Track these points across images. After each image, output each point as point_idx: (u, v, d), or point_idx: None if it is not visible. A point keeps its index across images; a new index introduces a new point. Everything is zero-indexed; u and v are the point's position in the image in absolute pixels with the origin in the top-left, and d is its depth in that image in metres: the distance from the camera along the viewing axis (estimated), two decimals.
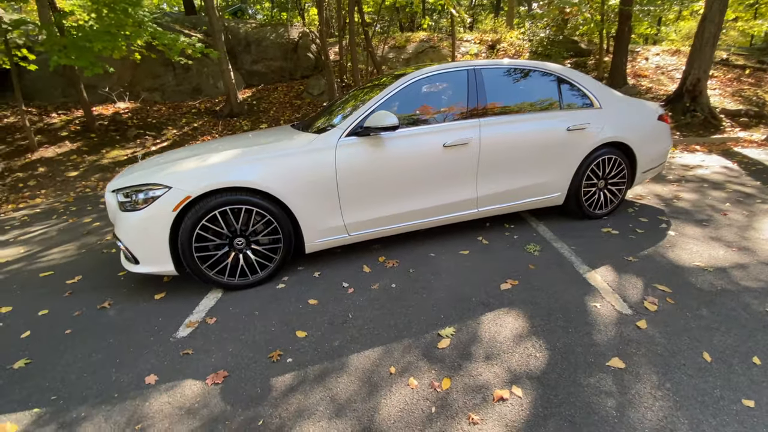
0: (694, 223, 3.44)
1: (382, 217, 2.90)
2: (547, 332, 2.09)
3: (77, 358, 2.12)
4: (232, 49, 11.19)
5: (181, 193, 2.42)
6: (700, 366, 1.82)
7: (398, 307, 2.40)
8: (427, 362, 1.93)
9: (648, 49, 13.58)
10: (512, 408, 1.65)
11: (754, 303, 2.26)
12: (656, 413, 1.58)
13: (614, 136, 3.39)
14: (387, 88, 2.93)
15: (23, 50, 7.26)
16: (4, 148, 7.44)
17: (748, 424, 1.52)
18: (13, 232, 4.36)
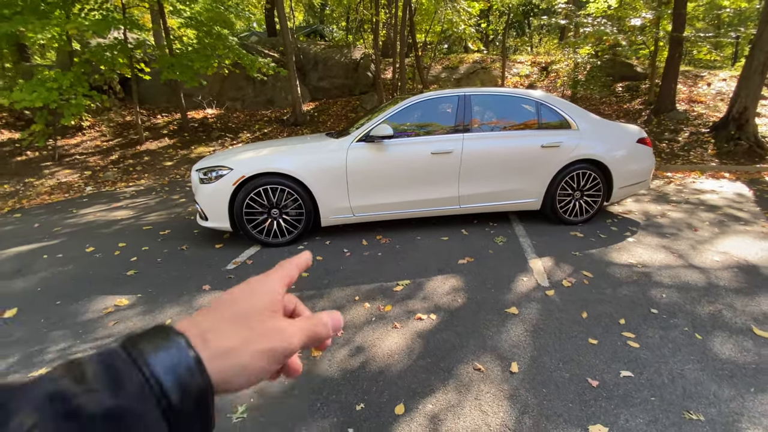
0: (658, 235, 3.90)
1: (380, 204, 3.81)
2: (474, 290, 2.86)
3: (164, 274, 3.28)
4: (303, 66, 12.82)
5: (239, 173, 3.54)
6: (574, 319, 2.49)
7: (377, 267, 3.28)
8: (382, 297, 2.80)
9: (715, 74, 13.06)
10: (424, 323, 2.46)
11: (653, 290, 2.82)
12: (519, 336, 2.31)
13: (587, 154, 3.99)
14: (392, 107, 3.87)
15: (141, 64, 9.27)
16: (121, 141, 9.48)
17: (588, 353, 2.19)
18: (125, 201, 5.90)
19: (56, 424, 0.23)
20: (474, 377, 2.00)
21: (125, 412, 0.25)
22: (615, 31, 8.28)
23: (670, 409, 1.78)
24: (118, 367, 0.26)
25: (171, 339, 0.29)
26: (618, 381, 1.95)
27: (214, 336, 0.31)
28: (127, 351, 0.28)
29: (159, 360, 0.27)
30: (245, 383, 0.32)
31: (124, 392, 0.25)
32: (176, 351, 0.28)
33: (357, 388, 1.95)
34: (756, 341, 2.26)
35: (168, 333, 0.30)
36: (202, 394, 0.28)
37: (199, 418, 0.28)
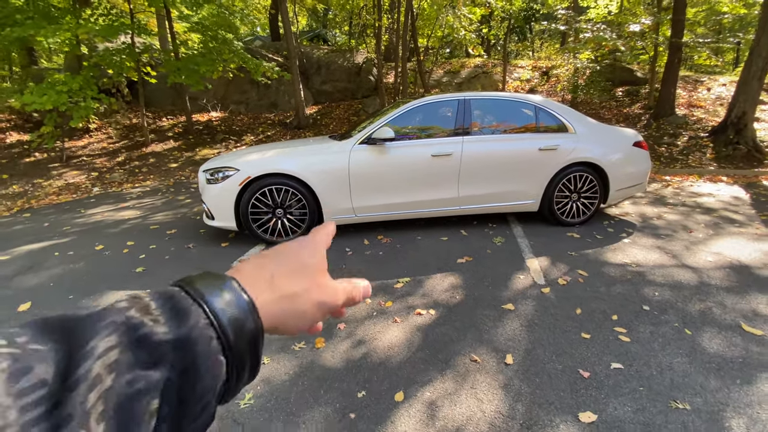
0: (653, 236, 3.99)
1: (382, 204, 3.91)
2: (472, 287, 2.95)
3: (172, 271, 3.38)
4: (306, 70, 12.97)
5: (245, 174, 3.65)
6: (568, 315, 2.58)
7: (378, 265, 3.38)
8: (383, 293, 2.90)
9: (715, 79, 13.16)
10: (423, 318, 2.56)
11: (646, 289, 2.91)
12: (514, 331, 2.40)
13: (584, 157, 4.08)
14: (394, 110, 3.98)
15: (147, 68, 9.43)
16: (127, 143, 9.63)
17: (580, 346, 2.27)
18: (132, 201, 6.02)
19: (128, 349, 0.24)
20: (470, 368, 2.09)
21: (189, 342, 0.26)
22: (614, 36, 8.39)
23: (657, 399, 1.87)
24: (180, 302, 0.28)
25: (225, 281, 0.31)
26: (608, 372, 2.04)
27: (280, 280, 0.35)
28: (185, 290, 0.29)
29: (216, 299, 0.29)
30: (297, 328, 0.36)
31: (187, 324, 0.27)
32: (232, 292, 0.30)
33: (359, 377, 2.04)
34: (744, 337, 2.34)
35: (222, 277, 0.32)
36: (254, 334, 0.30)
37: (249, 358, 0.30)
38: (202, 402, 0.27)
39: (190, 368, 0.26)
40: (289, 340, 2.34)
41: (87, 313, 0.26)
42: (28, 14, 6.44)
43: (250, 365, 0.30)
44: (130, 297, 0.28)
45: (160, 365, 0.25)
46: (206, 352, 0.27)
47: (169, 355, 0.25)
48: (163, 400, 0.25)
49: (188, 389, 0.26)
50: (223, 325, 0.28)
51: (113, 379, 0.23)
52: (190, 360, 0.26)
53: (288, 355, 2.22)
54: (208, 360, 0.27)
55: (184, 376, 0.26)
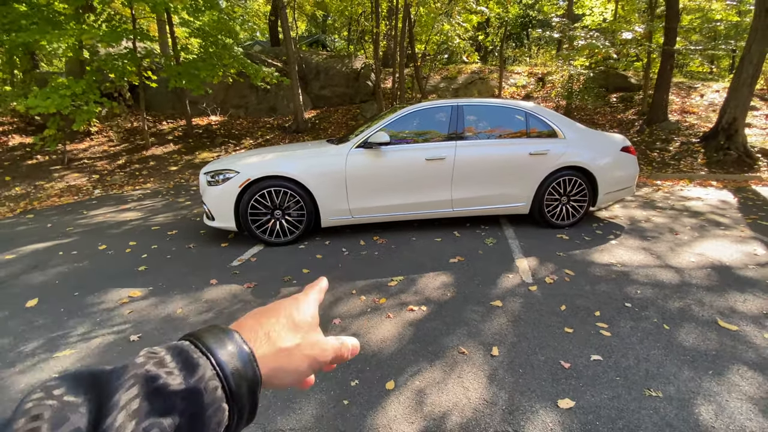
0: (640, 238, 4.12)
1: (377, 206, 4.03)
2: (462, 285, 3.07)
3: (173, 270, 3.50)
4: (305, 75, 13.14)
5: (245, 176, 3.77)
6: (553, 311, 2.70)
7: (373, 265, 3.50)
8: (377, 291, 3.01)
9: (709, 85, 13.38)
10: (415, 314, 2.68)
11: (629, 287, 3.03)
12: (501, 325, 2.52)
13: (573, 161, 4.22)
14: (390, 116, 4.12)
15: (149, 72, 9.57)
16: (127, 146, 9.75)
17: (563, 340, 2.39)
18: (132, 203, 6.13)
19: (146, 399, 0.28)
20: (458, 359, 2.20)
21: (198, 392, 0.29)
22: (607, 44, 8.57)
23: (632, 387, 1.99)
24: (190, 354, 0.31)
25: (229, 335, 0.35)
26: (588, 363, 2.16)
27: (276, 336, 0.38)
28: (194, 344, 0.33)
29: (221, 351, 0.33)
30: (288, 382, 0.38)
31: (196, 376, 0.30)
32: (234, 345, 0.34)
33: (352, 368, 2.15)
34: (719, 332, 2.46)
35: (226, 330, 0.35)
36: (253, 383, 0.33)
37: (248, 405, 0.33)
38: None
39: (198, 415, 0.29)
40: None
41: (112, 368, 0.29)
42: (33, 20, 6.58)
43: (249, 411, 0.34)
44: (148, 352, 0.31)
45: (173, 412, 0.28)
46: (212, 400, 0.30)
47: (180, 404, 0.29)
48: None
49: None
50: (227, 376, 0.31)
51: (134, 425, 0.26)
52: (198, 408, 0.29)
53: None
54: (213, 407, 0.30)
55: (191, 422, 0.29)
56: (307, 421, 1.81)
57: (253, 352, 0.34)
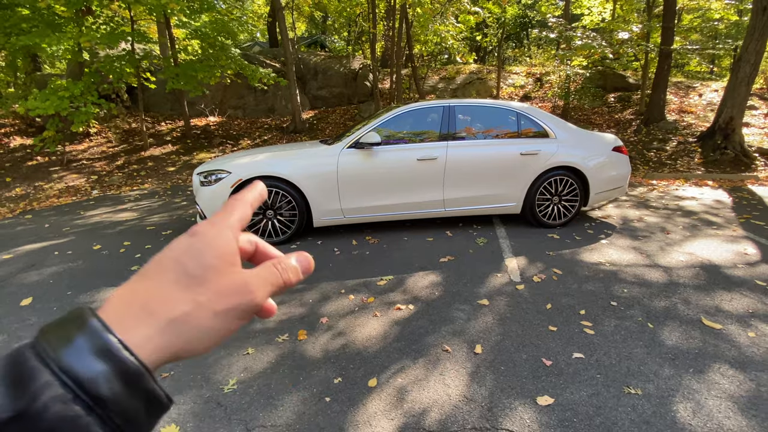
0: (631, 237, 4.13)
1: (369, 206, 4.06)
2: (451, 284, 3.09)
3: None
4: (303, 76, 13.19)
5: (237, 176, 3.81)
6: (539, 309, 2.72)
7: (364, 264, 3.53)
8: (366, 290, 3.04)
9: (708, 84, 13.36)
10: (402, 312, 2.70)
11: (616, 286, 3.05)
12: (486, 324, 2.54)
13: (564, 161, 4.24)
14: (382, 116, 4.14)
15: (147, 73, 9.62)
16: (126, 147, 9.81)
17: (547, 338, 2.41)
18: (129, 204, 6.18)
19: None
20: (441, 357, 2.23)
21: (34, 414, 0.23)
22: (603, 44, 8.58)
23: (612, 385, 2.01)
24: (24, 365, 0.24)
25: (84, 325, 0.26)
26: (570, 361, 2.18)
27: (160, 304, 0.28)
28: (34, 347, 0.25)
29: (69, 351, 0.25)
30: (210, 345, 0.30)
31: (29, 393, 0.23)
32: (90, 338, 0.26)
33: (336, 366, 2.18)
34: (703, 330, 2.48)
35: (79, 319, 0.27)
36: (132, 376, 0.26)
37: (140, 399, 0.26)
38: None
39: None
40: (273, 333, 2.49)
41: None
42: (34, 23, 6.64)
43: (145, 406, 0.26)
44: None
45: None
46: (59, 419, 0.23)
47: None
48: None
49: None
50: (82, 381, 0.24)
51: None
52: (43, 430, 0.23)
53: (271, 346, 2.36)
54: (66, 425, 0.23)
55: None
56: (288, 417, 1.83)
57: (121, 340, 0.26)
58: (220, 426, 1.79)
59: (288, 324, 2.60)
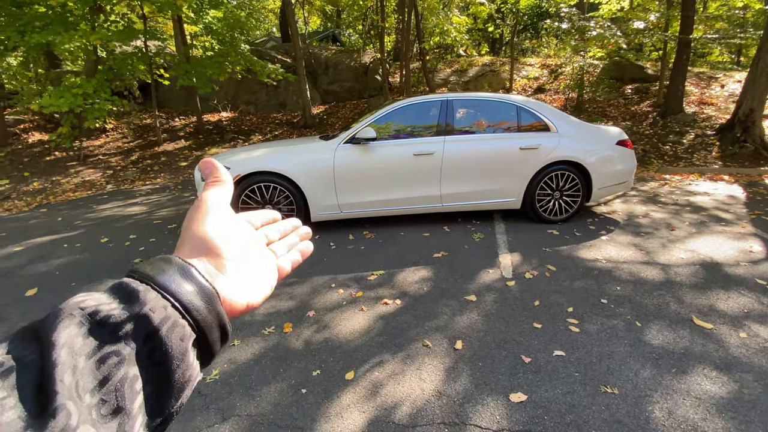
0: (633, 234, 4.04)
1: (366, 201, 4.08)
2: (441, 280, 3.10)
3: None
4: (314, 71, 13.24)
5: (235, 172, 3.88)
6: (526, 306, 2.71)
7: (357, 259, 3.56)
8: (356, 285, 3.08)
9: (731, 75, 12.83)
10: (388, 307, 2.73)
11: (609, 284, 3.00)
12: (471, 320, 2.55)
13: (566, 155, 4.17)
14: (379, 110, 4.15)
15: (161, 69, 9.82)
16: (140, 142, 10.07)
17: (530, 335, 2.41)
18: (140, 198, 6.36)
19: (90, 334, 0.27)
20: (420, 352, 2.25)
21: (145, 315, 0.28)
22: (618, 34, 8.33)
23: (588, 383, 1.99)
24: (129, 286, 0.30)
25: (172, 261, 0.33)
26: (549, 359, 2.17)
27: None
28: (132, 277, 0.32)
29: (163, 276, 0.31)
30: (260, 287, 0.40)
31: (139, 301, 0.29)
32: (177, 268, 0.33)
33: (317, 358, 2.23)
34: (693, 330, 2.43)
35: (169, 258, 0.34)
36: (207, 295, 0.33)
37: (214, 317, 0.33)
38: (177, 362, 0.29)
39: (153, 335, 0.28)
40: (260, 325, 2.55)
41: (47, 314, 0.28)
42: (47, 21, 6.85)
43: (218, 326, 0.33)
44: (84, 293, 0.30)
45: (125, 339, 0.27)
46: (163, 317, 0.29)
47: (130, 330, 0.28)
48: (140, 366, 0.28)
49: (159, 354, 0.28)
50: (173, 293, 0.31)
51: (84, 360, 0.26)
52: (150, 328, 0.28)
53: (257, 338, 2.42)
54: (168, 324, 0.29)
55: (149, 342, 0.28)
56: (264, 407, 1.89)
57: (199, 270, 0.34)
58: (198, 414, 1.86)
59: (276, 316, 2.66)
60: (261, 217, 0.47)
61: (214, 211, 0.39)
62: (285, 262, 0.46)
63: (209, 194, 0.41)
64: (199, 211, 0.39)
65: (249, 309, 0.38)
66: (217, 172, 0.43)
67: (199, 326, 0.32)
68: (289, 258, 0.47)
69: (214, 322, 0.33)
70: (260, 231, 0.46)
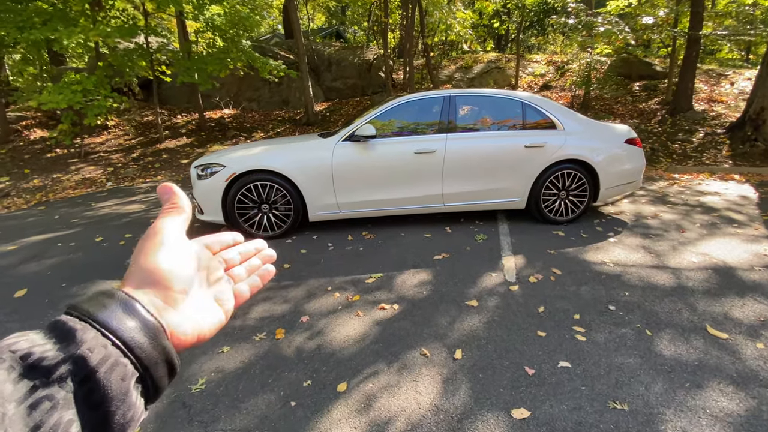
0: (642, 236, 3.90)
1: (366, 201, 3.97)
2: (441, 283, 2.98)
3: None
4: (317, 67, 13.12)
5: (231, 170, 3.78)
6: (530, 313, 2.58)
7: (356, 261, 3.45)
8: (353, 288, 2.97)
9: (741, 72, 12.55)
10: (386, 312, 2.61)
11: (617, 289, 2.87)
12: (471, 327, 2.43)
13: (572, 154, 4.02)
14: (380, 107, 4.03)
15: (163, 66, 9.73)
16: (142, 139, 10.01)
17: (533, 344, 2.28)
18: (139, 196, 6.29)
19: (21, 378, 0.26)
20: (418, 361, 2.14)
21: (81, 356, 0.27)
22: (626, 30, 8.13)
23: (596, 398, 1.87)
24: (66, 325, 0.29)
25: (114, 296, 0.32)
26: (554, 371, 2.05)
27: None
28: (70, 315, 0.30)
29: (104, 312, 0.30)
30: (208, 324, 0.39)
31: (75, 341, 0.28)
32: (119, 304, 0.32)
33: (309, 368, 2.12)
34: (707, 340, 2.29)
35: (111, 292, 0.33)
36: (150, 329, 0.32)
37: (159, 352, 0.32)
38: (118, 403, 0.28)
39: (90, 376, 0.27)
40: (251, 331, 2.45)
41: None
42: (47, 17, 6.78)
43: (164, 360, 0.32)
44: (18, 334, 0.29)
45: (60, 382, 0.26)
46: (102, 357, 0.28)
47: (64, 372, 0.27)
48: (78, 410, 0.26)
49: (97, 396, 0.27)
50: (114, 330, 0.30)
51: (14, 406, 0.24)
52: (86, 370, 0.27)
53: (247, 345, 2.32)
54: (107, 364, 0.28)
55: (87, 384, 0.27)
56: (251, 421, 1.78)
57: (143, 305, 0.33)
58: (180, 428, 1.76)
59: (268, 321, 2.55)
60: (220, 240, 0.46)
61: (166, 241, 0.38)
62: (243, 288, 0.44)
63: (162, 222, 0.39)
64: (150, 241, 0.38)
65: (200, 341, 0.37)
66: (174, 198, 0.41)
67: (143, 363, 0.31)
68: (248, 282, 0.45)
69: (159, 357, 0.32)
70: (218, 256, 0.45)
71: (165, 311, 0.34)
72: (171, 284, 0.36)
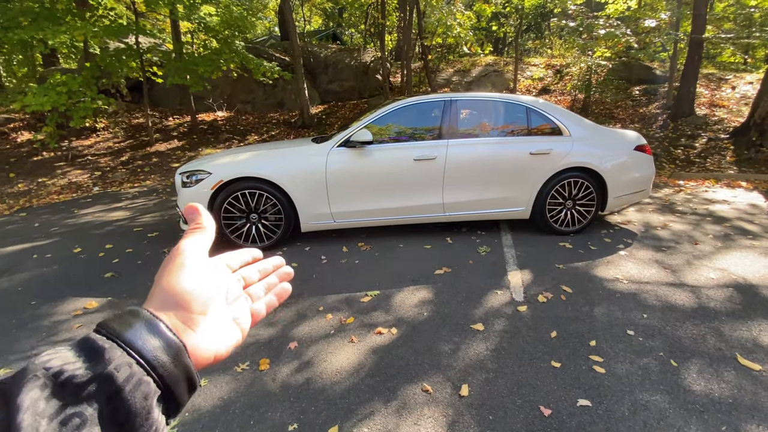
0: (653, 248, 3.68)
1: (362, 210, 3.73)
2: (443, 303, 2.75)
3: (141, 277, 3.29)
4: (313, 70, 12.89)
5: (217, 177, 3.53)
6: (541, 338, 2.35)
7: (350, 276, 3.21)
8: (347, 308, 2.72)
9: (742, 76, 12.44)
10: (383, 338, 2.37)
11: (634, 310, 2.65)
12: (478, 356, 2.19)
13: (579, 161, 3.81)
14: (376, 111, 3.80)
15: (154, 67, 9.47)
16: (132, 142, 9.73)
17: (548, 377, 2.05)
18: (125, 202, 6.02)
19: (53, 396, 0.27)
20: (419, 399, 1.90)
21: (109, 374, 0.29)
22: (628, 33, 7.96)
23: None
24: (95, 343, 0.30)
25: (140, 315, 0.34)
26: (573, 411, 1.82)
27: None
28: (99, 333, 0.31)
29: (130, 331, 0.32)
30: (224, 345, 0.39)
31: (104, 359, 0.29)
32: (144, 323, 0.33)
33: (295, 407, 1.87)
34: (739, 372, 2.07)
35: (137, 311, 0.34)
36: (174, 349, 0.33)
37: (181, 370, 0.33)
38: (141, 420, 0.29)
39: (116, 394, 0.28)
40: (233, 361, 2.20)
41: (14, 374, 0.28)
42: (32, 17, 6.51)
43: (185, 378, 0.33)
44: (51, 351, 0.30)
45: (88, 400, 0.27)
46: (128, 376, 0.29)
47: (93, 390, 0.28)
48: (103, 426, 0.27)
49: (122, 413, 0.28)
50: (139, 350, 0.31)
51: (47, 422, 0.26)
52: (113, 388, 0.29)
53: (227, 378, 2.07)
54: (132, 382, 0.29)
55: (112, 402, 0.28)
56: None
57: (167, 324, 0.34)
58: None
59: (253, 349, 2.31)
60: (240, 258, 0.47)
61: (188, 263, 0.38)
62: (260, 306, 0.45)
63: (186, 243, 0.40)
64: (173, 262, 0.38)
65: (217, 360, 0.38)
66: (199, 218, 0.43)
67: (165, 382, 0.32)
68: (265, 301, 0.46)
69: (180, 375, 0.33)
70: (237, 273, 0.46)
71: (185, 332, 0.35)
72: (191, 306, 0.37)
